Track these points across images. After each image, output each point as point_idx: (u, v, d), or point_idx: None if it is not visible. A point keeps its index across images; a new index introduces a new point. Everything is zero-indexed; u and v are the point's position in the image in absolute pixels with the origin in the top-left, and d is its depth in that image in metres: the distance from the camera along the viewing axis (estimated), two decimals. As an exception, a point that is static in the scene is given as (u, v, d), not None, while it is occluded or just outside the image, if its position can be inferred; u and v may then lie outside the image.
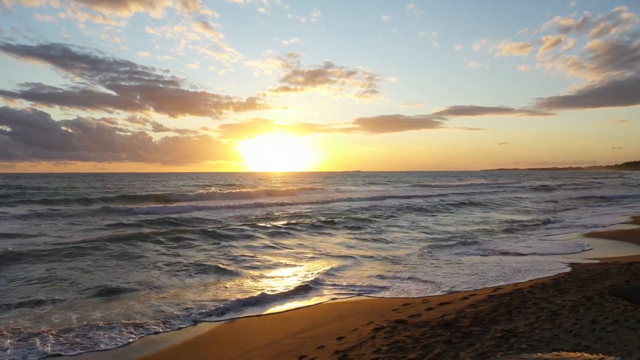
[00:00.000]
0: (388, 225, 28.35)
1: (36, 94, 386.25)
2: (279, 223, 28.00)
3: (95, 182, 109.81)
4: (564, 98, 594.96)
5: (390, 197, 55.02)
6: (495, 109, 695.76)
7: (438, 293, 12.23)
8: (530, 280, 13.20)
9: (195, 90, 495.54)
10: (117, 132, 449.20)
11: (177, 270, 15.23)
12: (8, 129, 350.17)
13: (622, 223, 28.38)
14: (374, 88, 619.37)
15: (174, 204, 40.33)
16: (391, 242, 22.14)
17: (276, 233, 24.20)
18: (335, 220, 29.32)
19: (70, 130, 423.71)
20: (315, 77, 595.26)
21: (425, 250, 19.39)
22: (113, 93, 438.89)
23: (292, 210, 38.31)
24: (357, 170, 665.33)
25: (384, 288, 12.88)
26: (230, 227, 25.26)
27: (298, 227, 26.04)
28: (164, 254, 18.19)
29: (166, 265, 16.06)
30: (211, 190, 60.79)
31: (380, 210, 37.47)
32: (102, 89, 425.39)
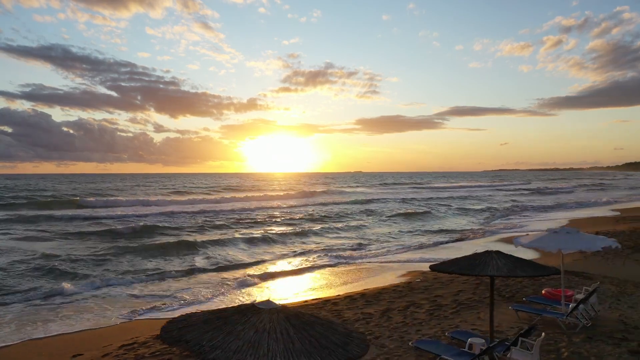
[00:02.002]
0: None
1: (37, 94, 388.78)
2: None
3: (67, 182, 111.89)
4: (565, 98, 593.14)
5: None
6: (496, 109, 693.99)
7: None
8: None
9: (196, 91, 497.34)
10: (119, 133, 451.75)
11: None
12: (9, 130, 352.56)
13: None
14: (374, 88, 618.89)
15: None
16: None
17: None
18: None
19: (71, 131, 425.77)
20: (316, 77, 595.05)
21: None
22: (114, 94, 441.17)
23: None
24: (358, 170, 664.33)
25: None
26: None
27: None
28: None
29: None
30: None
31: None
32: (103, 90, 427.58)
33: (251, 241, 24.73)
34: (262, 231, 28.43)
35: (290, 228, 30.02)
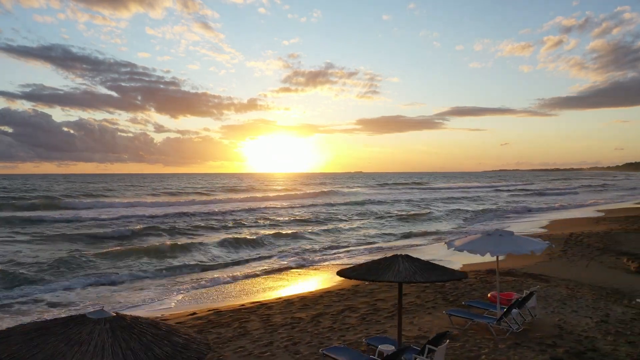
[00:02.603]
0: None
1: (37, 95, 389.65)
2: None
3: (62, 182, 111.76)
4: (566, 98, 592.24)
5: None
6: (497, 109, 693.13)
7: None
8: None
9: (196, 91, 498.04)
10: (119, 133, 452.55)
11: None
12: (10, 130, 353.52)
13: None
14: (375, 89, 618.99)
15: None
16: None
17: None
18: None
19: (72, 131, 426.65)
20: (316, 77, 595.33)
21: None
22: (114, 94, 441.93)
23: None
24: (359, 171, 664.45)
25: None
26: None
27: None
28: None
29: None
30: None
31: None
32: (103, 90, 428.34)
33: (223, 244, 24.39)
34: (237, 234, 28.13)
35: (269, 230, 29.73)
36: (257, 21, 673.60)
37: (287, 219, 36.45)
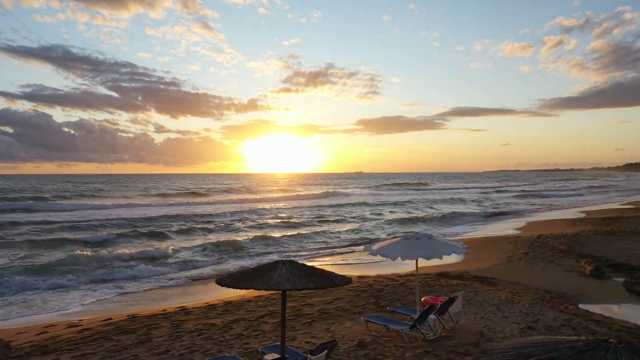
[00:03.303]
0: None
1: (38, 95, 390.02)
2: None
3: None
4: (566, 99, 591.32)
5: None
6: (497, 110, 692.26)
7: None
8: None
9: (197, 92, 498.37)
10: (119, 134, 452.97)
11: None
12: (10, 130, 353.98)
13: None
14: (375, 89, 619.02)
15: None
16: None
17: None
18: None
19: (72, 132, 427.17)
20: (317, 78, 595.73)
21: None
22: (114, 94, 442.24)
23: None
24: (359, 171, 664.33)
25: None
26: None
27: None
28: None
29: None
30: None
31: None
32: (104, 90, 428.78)
33: (189, 247, 23.97)
34: (206, 237, 27.73)
35: (244, 233, 29.31)
36: (257, 21, 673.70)
37: (265, 221, 35.98)
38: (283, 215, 40.06)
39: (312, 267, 7.43)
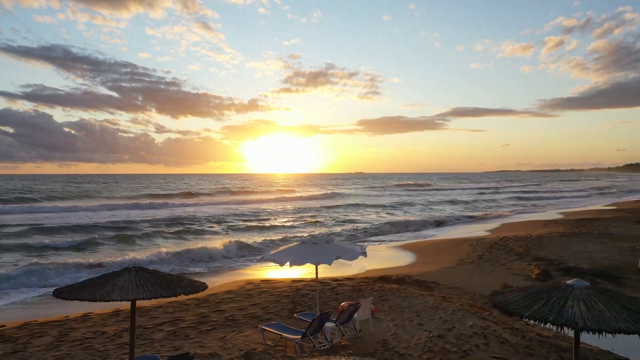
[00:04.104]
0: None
1: (38, 95, 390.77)
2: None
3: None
4: (567, 99, 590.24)
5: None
6: (498, 110, 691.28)
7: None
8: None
9: (197, 92, 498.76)
10: (120, 134, 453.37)
11: None
12: (11, 130, 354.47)
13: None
14: (375, 89, 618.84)
15: None
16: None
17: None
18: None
19: (73, 132, 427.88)
20: (317, 78, 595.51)
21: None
22: (115, 94, 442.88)
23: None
24: (360, 171, 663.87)
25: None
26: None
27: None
28: None
29: None
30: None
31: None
32: (104, 90, 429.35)
33: (145, 254, 23.34)
34: (165, 239, 27.26)
35: (206, 237, 28.71)
36: (257, 21, 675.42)
37: (241, 224, 35.29)
38: (264, 217, 39.26)
39: (163, 274, 6.91)
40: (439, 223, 35.26)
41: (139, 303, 12.19)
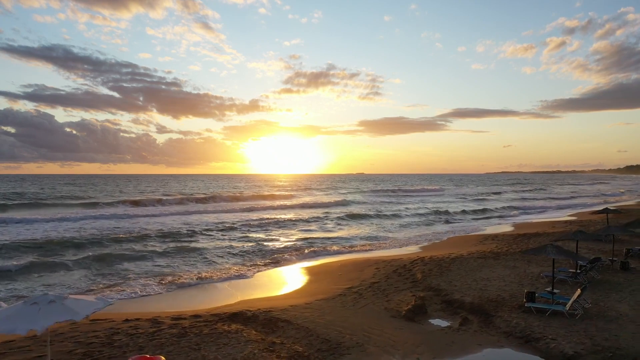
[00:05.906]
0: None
1: (39, 95, 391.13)
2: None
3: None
4: (569, 100, 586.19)
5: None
6: (499, 111, 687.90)
7: None
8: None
9: (198, 92, 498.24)
10: (121, 134, 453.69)
11: None
12: (13, 130, 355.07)
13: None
14: (377, 90, 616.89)
15: None
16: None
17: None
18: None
19: (74, 132, 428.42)
20: (318, 78, 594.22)
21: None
22: (116, 94, 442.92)
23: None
24: (361, 172, 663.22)
25: None
26: None
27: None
28: None
29: None
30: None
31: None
32: (105, 91, 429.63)
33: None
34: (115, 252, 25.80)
35: (171, 244, 27.63)
36: (257, 22, 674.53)
37: (204, 230, 33.93)
38: (228, 226, 37.65)
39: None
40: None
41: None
